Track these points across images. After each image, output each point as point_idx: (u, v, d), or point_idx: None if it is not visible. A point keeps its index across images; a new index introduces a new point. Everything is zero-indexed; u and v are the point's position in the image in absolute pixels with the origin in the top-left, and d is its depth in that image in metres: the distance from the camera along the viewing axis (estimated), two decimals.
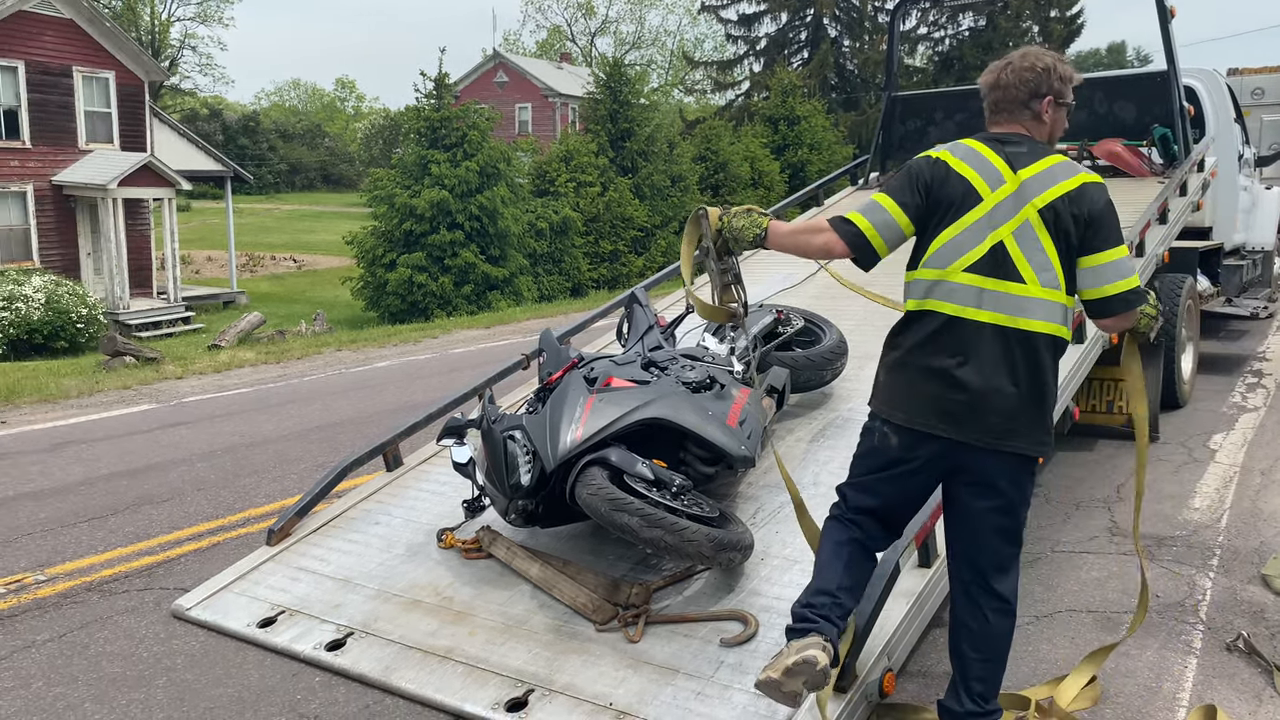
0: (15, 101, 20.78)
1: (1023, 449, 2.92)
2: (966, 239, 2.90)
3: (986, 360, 2.86)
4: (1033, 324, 2.85)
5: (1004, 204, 2.89)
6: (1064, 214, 2.86)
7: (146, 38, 50.07)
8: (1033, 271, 2.86)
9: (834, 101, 41.23)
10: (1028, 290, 2.85)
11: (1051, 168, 2.92)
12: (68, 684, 3.84)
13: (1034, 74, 2.98)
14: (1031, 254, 2.86)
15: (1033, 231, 2.86)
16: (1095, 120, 8.45)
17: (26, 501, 6.34)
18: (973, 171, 2.93)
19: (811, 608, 3.05)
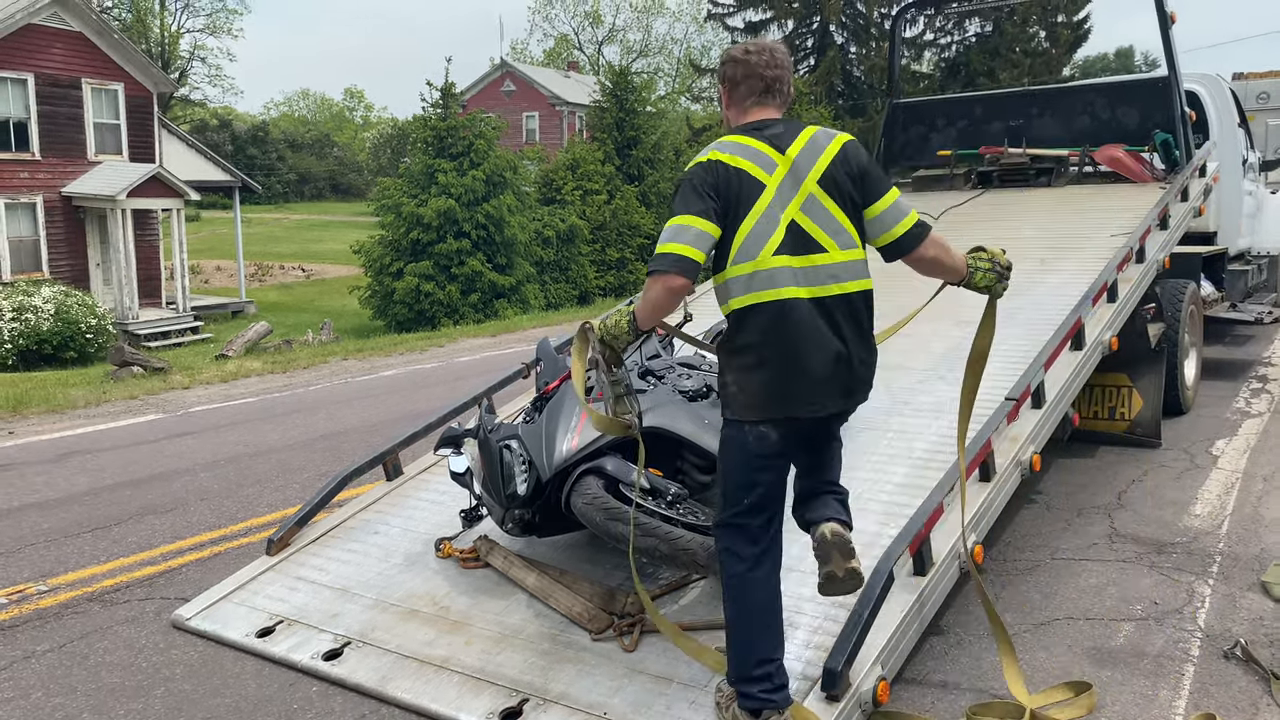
0: (25, 113, 20.93)
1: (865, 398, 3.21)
2: (764, 226, 3.01)
3: (831, 331, 3.02)
4: (845, 286, 3.05)
5: (784, 184, 3.04)
6: (839, 177, 3.06)
7: (156, 49, 50.37)
8: (830, 238, 3.03)
9: (841, 108, 41.24)
10: (831, 257, 3.03)
11: (812, 138, 3.10)
12: (66, 694, 3.86)
13: (784, 56, 3.19)
14: (825, 223, 3.03)
15: (819, 202, 3.04)
16: (1097, 126, 8.45)
17: (31, 512, 6.37)
18: (747, 162, 3.04)
19: (756, 683, 3.08)
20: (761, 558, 3.13)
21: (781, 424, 3.05)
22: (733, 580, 3.13)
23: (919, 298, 3.91)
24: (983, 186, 8.64)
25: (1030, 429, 4.63)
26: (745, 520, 3.13)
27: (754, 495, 3.11)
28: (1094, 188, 8.12)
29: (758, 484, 3.11)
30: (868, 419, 5.08)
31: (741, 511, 3.13)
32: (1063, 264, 6.54)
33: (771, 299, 2.99)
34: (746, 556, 3.12)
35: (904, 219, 3.15)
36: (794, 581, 3.85)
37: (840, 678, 3.21)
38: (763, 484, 3.12)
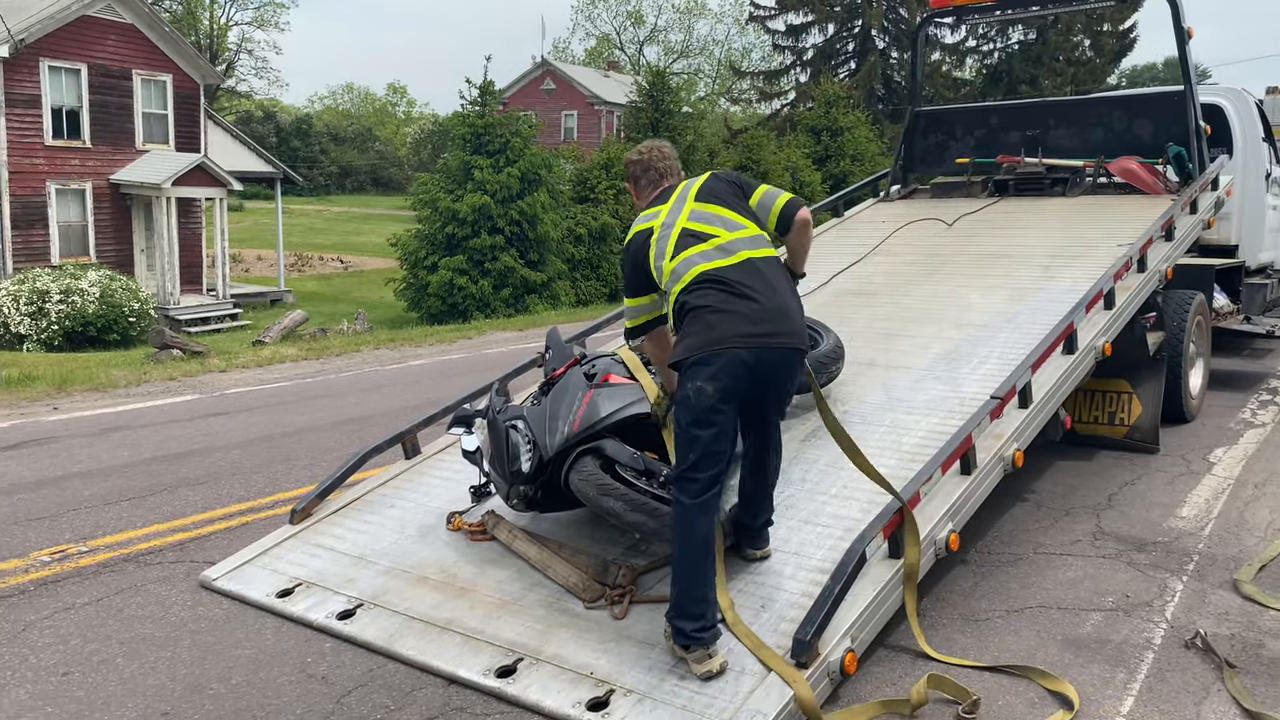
0: (77, 103, 21.59)
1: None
2: (659, 249, 3.90)
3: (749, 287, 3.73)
4: (739, 254, 3.80)
5: (670, 214, 3.97)
6: (715, 189, 4.01)
7: (205, 41, 51.35)
8: (719, 228, 3.86)
9: (880, 113, 41.25)
10: (718, 238, 3.83)
11: (688, 181, 4.12)
12: (102, 641, 4.19)
13: (670, 149, 4.31)
14: (709, 221, 3.88)
15: (702, 211, 3.92)
16: (1112, 138, 8.59)
17: (74, 480, 6.75)
18: (644, 223, 4.03)
19: (692, 620, 3.53)
20: (709, 504, 3.63)
21: (751, 351, 3.61)
22: (689, 518, 3.59)
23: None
24: (999, 194, 8.81)
25: (1014, 427, 4.84)
26: (714, 489, 3.64)
27: (722, 445, 3.64)
28: (1107, 199, 8.27)
29: (724, 430, 3.63)
30: (864, 414, 5.31)
31: (713, 466, 3.63)
32: (1066, 272, 6.71)
33: (699, 272, 3.75)
34: (699, 503, 3.61)
35: (781, 196, 4.06)
36: (775, 561, 4.12)
37: (809, 647, 3.46)
38: (728, 431, 3.66)
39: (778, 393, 3.85)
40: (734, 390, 3.57)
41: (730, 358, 3.55)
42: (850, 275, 7.57)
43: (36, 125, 20.95)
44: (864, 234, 8.48)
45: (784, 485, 4.64)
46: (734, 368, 3.56)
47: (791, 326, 3.73)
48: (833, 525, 4.29)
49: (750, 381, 3.61)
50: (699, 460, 3.54)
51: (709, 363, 3.55)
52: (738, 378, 3.57)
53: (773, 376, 3.71)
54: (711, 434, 3.54)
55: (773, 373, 3.70)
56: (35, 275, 19.31)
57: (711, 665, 3.50)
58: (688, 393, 3.57)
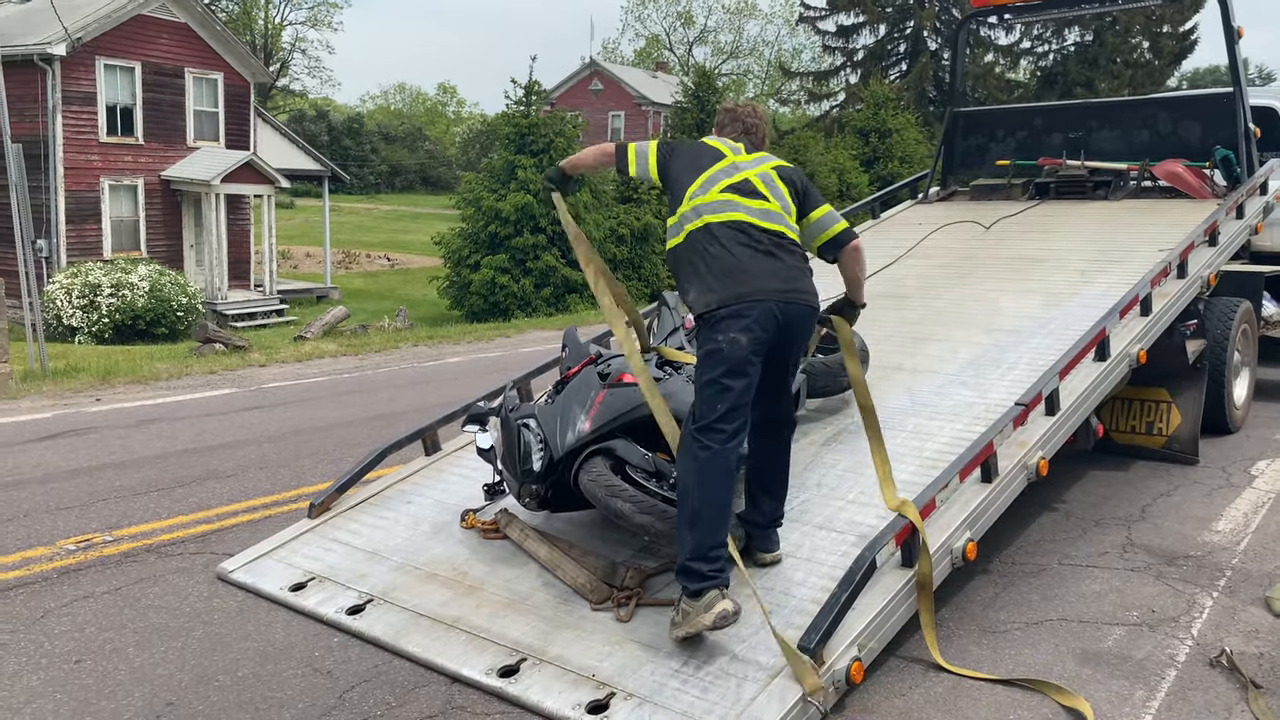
0: (131, 100, 22.04)
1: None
2: (719, 174, 3.95)
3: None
4: (777, 226, 3.89)
5: (747, 162, 4.01)
6: (792, 177, 4.07)
7: (260, 40, 52.20)
8: (778, 203, 3.94)
9: (930, 115, 40.77)
10: (768, 206, 3.91)
11: (763, 155, 4.14)
12: (116, 630, 4.24)
13: (764, 116, 4.36)
14: (776, 195, 3.96)
15: (774, 181, 3.98)
16: (1158, 140, 8.39)
17: (107, 470, 6.86)
18: (721, 144, 4.11)
19: (709, 562, 3.52)
20: (727, 447, 3.66)
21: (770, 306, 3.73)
22: (706, 463, 3.63)
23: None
24: (1039, 197, 8.64)
25: (1040, 435, 4.72)
26: (735, 440, 3.70)
27: (746, 401, 3.73)
28: (1150, 203, 8.07)
29: (748, 387, 3.72)
30: (885, 419, 5.17)
31: (736, 419, 3.70)
32: (1103, 277, 6.55)
33: (716, 221, 3.91)
34: (721, 447, 3.65)
35: (837, 223, 4.26)
36: (787, 566, 4.06)
37: (814, 654, 3.39)
38: (752, 383, 3.74)
39: (796, 352, 3.97)
40: (764, 343, 3.69)
41: (763, 310, 3.67)
42: (882, 278, 7.45)
43: (92, 122, 21.42)
44: (899, 236, 8.36)
45: (799, 490, 4.58)
46: (766, 320, 3.67)
47: (810, 287, 3.90)
48: (848, 531, 4.22)
49: (778, 336, 3.73)
50: (729, 412, 3.61)
51: (743, 315, 3.65)
52: (768, 330, 3.68)
53: (795, 334, 3.84)
54: (743, 385, 3.64)
55: (795, 330, 3.82)
56: (87, 269, 19.73)
57: (726, 605, 3.47)
58: (720, 345, 3.65)
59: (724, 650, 3.60)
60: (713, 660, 3.57)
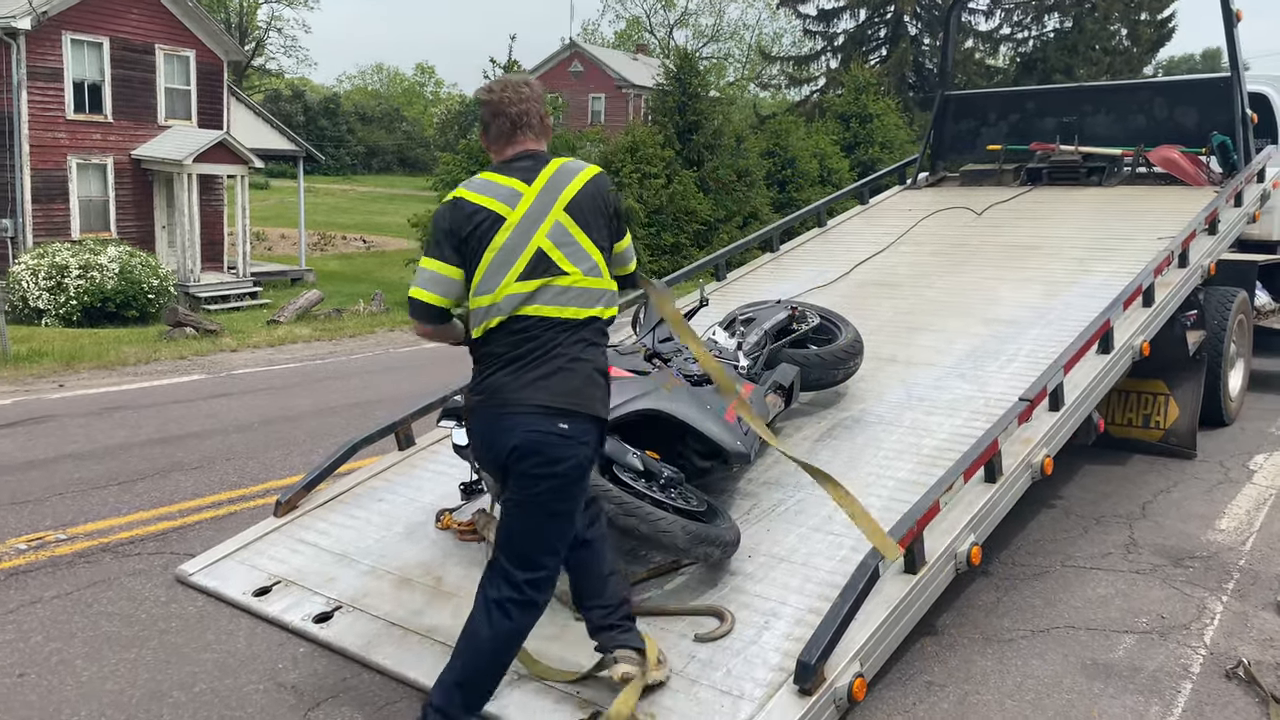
0: (99, 77, 21.44)
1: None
2: (504, 257, 3.01)
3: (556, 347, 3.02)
4: (579, 312, 3.04)
5: (529, 213, 3.04)
6: (593, 205, 3.10)
7: (235, 19, 51.27)
8: (572, 264, 3.04)
9: (911, 100, 40.55)
10: (573, 281, 3.04)
11: (560, 168, 3.13)
12: (65, 639, 3.96)
13: (530, 90, 3.20)
14: (567, 248, 3.04)
15: (563, 228, 3.05)
16: (1154, 126, 8.19)
17: (66, 462, 6.55)
18: (489, 199, 3.06)
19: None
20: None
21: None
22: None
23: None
24: (1031, 183, 8.43)
25: (1044, 432, 4.51)
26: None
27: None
28: (1146, 189, 7.88)
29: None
30: (881, 413, 5.00)
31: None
32: (1101, 265, 6.36)
33: (515, 315, 3.02)
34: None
35: (633, 261, 3.41)
36: (782, 573, 3.83)
37: (814, 672, 3.17)
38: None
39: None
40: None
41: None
42: (873, 265, 7.24)
43: (58, 99, 20.82)
44: (889, 222, 8.14)
45: (794, 489, 4.36)
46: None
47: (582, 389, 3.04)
48: (845, 534, 3.99)
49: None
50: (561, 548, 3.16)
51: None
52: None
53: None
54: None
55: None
56: (55, 250, 19.21)
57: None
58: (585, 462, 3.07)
59: (717, 665, 3.37)
60: (705, 676, 3.34)
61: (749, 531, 4.07)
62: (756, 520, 4.19)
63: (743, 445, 4.09)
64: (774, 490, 4.40)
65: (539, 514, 3.04)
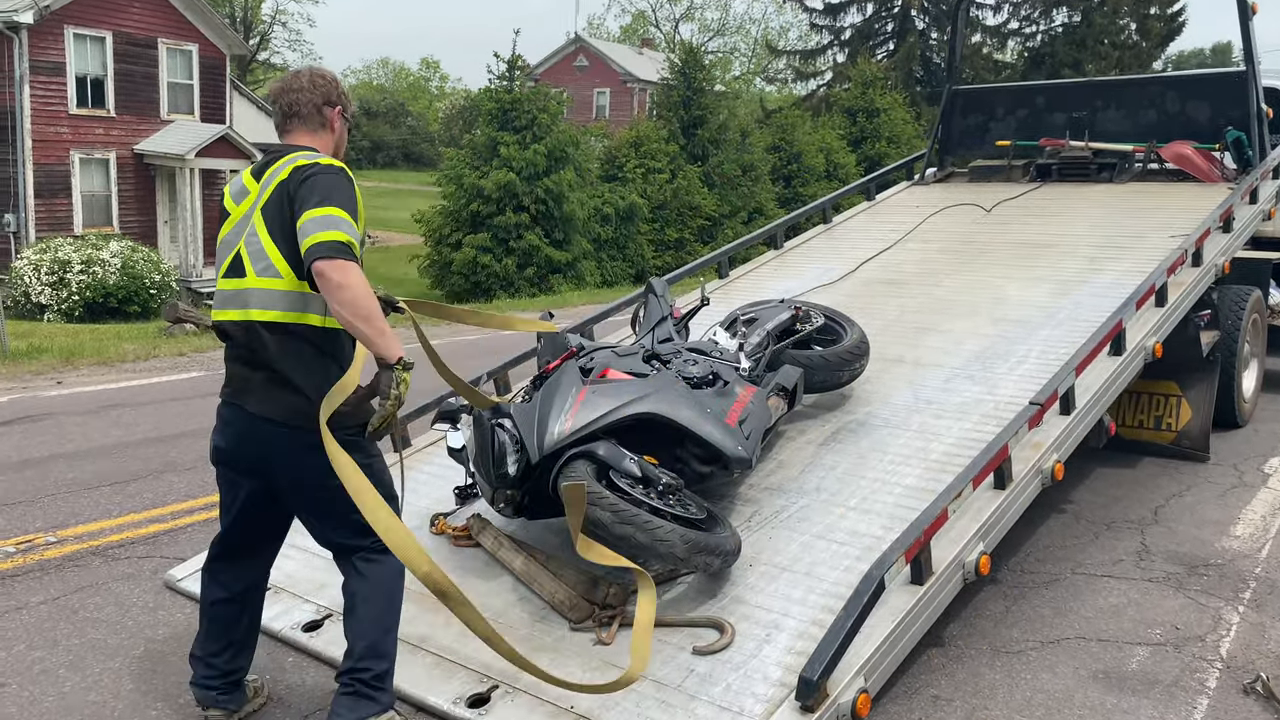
0: (102, 71, 21.39)
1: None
2: (222, 251, 3.04)
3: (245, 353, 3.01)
4: (250, 314, 2.94)
5: (248, 213, 2.99)
6: (278, 199, 2.90)
7: (239, 13, 51.17)
8: (251, 264, 2.94)
9: (918, 95, 40.34)
10: (247, 283, 2.94)
11: (281, 163, 2.96)
12: (49, 648, 3.86)
13: (325, 82, 3.13)
14: (251, 248, 2.94)
15: (253, 228, 2.94)
16: (1166, 121, 8.05)
17: (59, 462, 6.46)
18: (228, 191, 3.10)
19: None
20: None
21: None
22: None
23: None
24: (1041, 180, 8.29)
25: (1055, 436, 4.38)
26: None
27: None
28: (1158, 186, 7.73)
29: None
30: (887, 417, 4.88)
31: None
32: (1113, 264, 6.22)
33: (217, 318, 3.06)
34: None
35: (312, 235, 2.77)
36: (784, 583, 3.71)
37: (816, 688, 3.05)
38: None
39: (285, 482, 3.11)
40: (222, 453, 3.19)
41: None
42: (880, 263, 7.11)
43: (61, 94, 20.77)
44: (896, 219, 8.01)
45: (797, 496, 4.25)
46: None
47: (261, 400, 2.99)
48: (850, 543, 3.87)
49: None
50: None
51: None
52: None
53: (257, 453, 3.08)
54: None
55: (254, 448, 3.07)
56: (57, 245, 19.16)
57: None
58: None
59: (716, 680, 3.26)
60: (704, 691, 3.23)
61: (750, 539, 3.96)
62: (758, 528, 4.07)
63: (744, 450, 3.97)
64: (776, 496, 4.28)
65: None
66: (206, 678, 3.24)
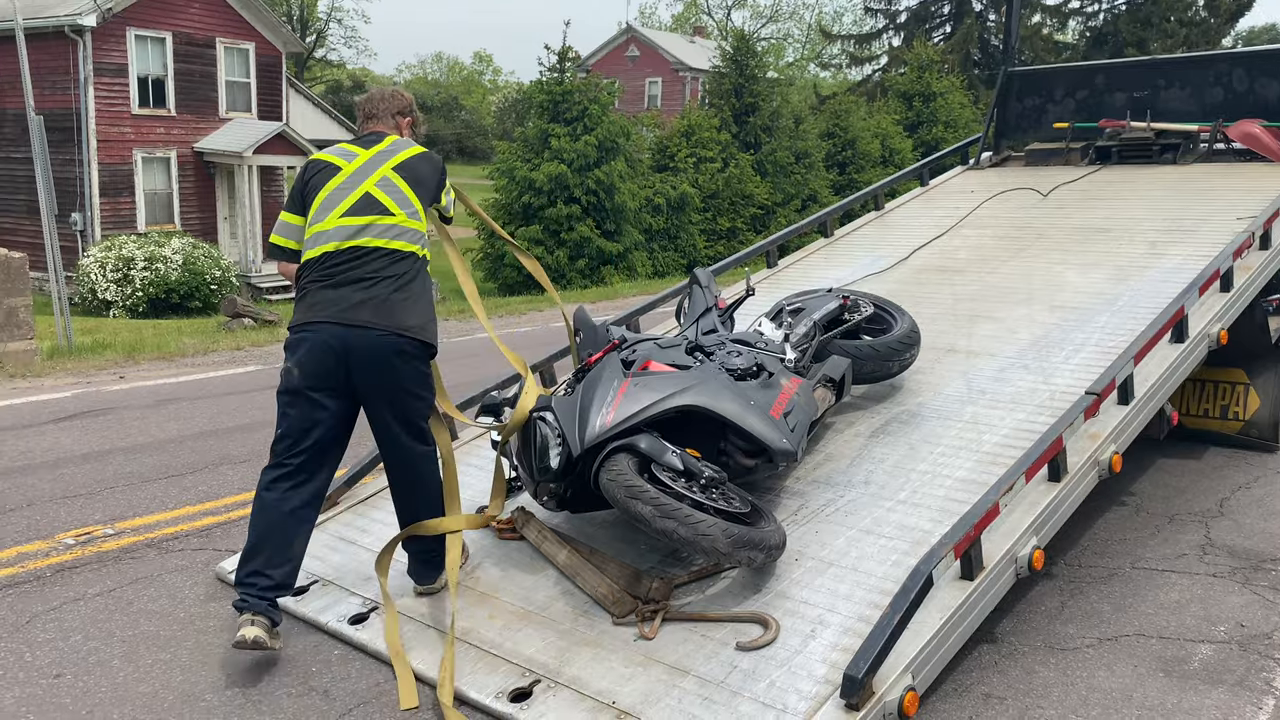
0: (163, 71, 21.83)
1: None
2: (336, 196, 3.76)
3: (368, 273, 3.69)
4: (395, 244, 3.74)
5: (361, 169, 3.81)
6: (415, 165, 3.89)
7: (295, 11, 51.90)
8: (398, 206, 3.77)
9: (976, 78, 39.60)
10: (394, 220, 3.75)
11: (396, 141, 3.95)
12: (103, 639, 3.93)
13: (400, 99, 4.16)
14: (394, 195, 3.78)
15: (390, 181, 3.80)
16: (1232, 99, 7.77)
17: (118, 455, 6.59)
18: (334, 157, 3.88)
19: (241, 586, 3.64)
20: (275, 482, 3.69)
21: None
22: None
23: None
24: (1100, 162, 8.06)
25: (1113, 427, 4.25)
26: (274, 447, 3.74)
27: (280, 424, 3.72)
28: (1224, 167, 7.48)
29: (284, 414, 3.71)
30: (938, 407, 4.78)
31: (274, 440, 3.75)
32: (1175, 249, 6.03)
33: (346, 246, 3.71)
34: (265, 477, 3.72)
35: (448, 203, 4.18)
36: (830, 578, 3.65)
37: (861, 686, 2.99)
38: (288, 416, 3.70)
39: (388, 385, 3.69)
40: (324, 377, 3.63)
41: (315, 341, 3.61)
42: (933, 249, 6.97)
43: (123, 94, 21.24)
44: (950, 204, 7.85)
45: (845, 489, 4.17)
46: (321, 351, 3.61)
47: (398, 313, 3.65)
48: (898, 538, 3.79)
49: (345, 368, 3.62)
50: (282, 441, 3.71)
51: (297, 346, 3.67)
52: (326, 363, 3.61)
53: (368, 364, 3.62)
54: (300, 416, 3.66)
55: (367, 360, 3.61)
56: (121, 242, 19.61)
57: (249, 632, 3.48)
58: (285, 368, 3.70)
59: (760, 676, 3.21)
60: (747, 688, 3.18)
61: (796, 533, 3.90)
62: (805, 522, 4.01)
63: (789, 443, 3.90)
64: (824, 489, 4.21)
65: None
66: (265, 588, 3.60)
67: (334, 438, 3.75)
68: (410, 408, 3.75)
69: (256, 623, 3.50)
